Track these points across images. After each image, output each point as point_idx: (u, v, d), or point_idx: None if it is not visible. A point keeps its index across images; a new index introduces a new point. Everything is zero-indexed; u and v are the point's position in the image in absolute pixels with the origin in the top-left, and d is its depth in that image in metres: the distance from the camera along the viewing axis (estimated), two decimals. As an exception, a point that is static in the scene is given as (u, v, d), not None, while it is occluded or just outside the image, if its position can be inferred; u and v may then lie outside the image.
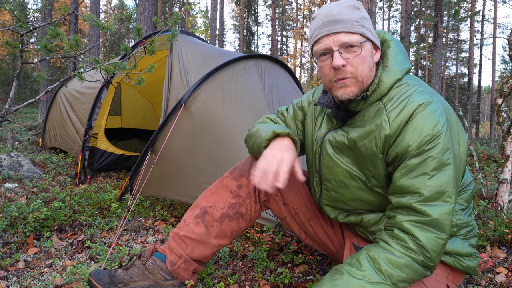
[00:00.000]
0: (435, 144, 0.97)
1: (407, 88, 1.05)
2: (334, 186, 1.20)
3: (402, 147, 1.00)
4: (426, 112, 0.99)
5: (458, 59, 23.48)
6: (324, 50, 1.07)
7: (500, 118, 2.32)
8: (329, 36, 1.05)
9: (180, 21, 20.02)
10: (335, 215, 1.26)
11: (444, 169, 0.97)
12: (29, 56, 21.88)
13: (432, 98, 1.02)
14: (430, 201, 0.96)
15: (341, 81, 1.06)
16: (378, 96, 1.07)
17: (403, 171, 1.00)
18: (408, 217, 0.97)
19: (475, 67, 20.63)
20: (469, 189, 1.18)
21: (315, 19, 1.11)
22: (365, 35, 1.06)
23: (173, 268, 1.32)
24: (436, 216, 0.95)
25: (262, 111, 2.39)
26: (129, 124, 5.57)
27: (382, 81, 1.07)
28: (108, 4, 31.28)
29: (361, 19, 1.06)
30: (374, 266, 0.96)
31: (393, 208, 1.02)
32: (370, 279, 0.94)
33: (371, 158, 1.07)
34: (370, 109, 1.08)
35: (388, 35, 1.16)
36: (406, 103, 1.02)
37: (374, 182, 1.10)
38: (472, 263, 1.15)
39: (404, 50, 1.15)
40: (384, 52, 1.13)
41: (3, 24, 2.54)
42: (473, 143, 8.37)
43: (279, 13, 27.74)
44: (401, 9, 13.80)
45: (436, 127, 0.97)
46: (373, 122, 1.06)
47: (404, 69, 1.10)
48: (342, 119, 1.16)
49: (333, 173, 1.18)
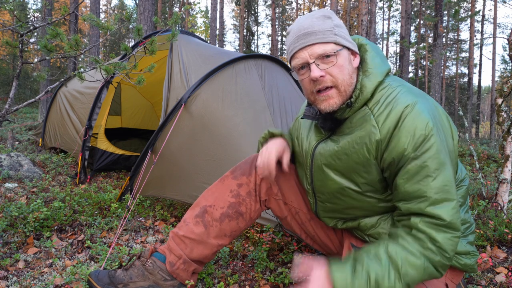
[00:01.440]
0: (431, 144, 0.97)
1: (391, 90, 1.06)
2: (328, 198, 1.21)
3: (398, 151, 0.99)
4: (415, 113, 0.99)
5: (458, 59, 23.48)
6: (302, 64, 1.08)
7: (500, 118, 2.32)
8: (304, 49, 1.06)
9: (180, 21, 20.02)
10: (333, 223, 1.28)
11: (444, 167, 0.97)
12: (29, 56, 21.89)
13: (417, 97, 1.02)
14: (439, 202, 0.96)
15: (323, 94, 1.06)
16: (362, 101, 1.07)
17: (406, 177, 0.99)
18: (423, 218, 0.97)
19: (475, 67, 20.64)
20: (464, 185, 1.18)
21: (289, 34, 1.12)
22: (340, 43, 1.06)
23: (172, 269, 1.32)
24: (450, 219, 0.95)
25: (262, 111, 2.39)
26: (129, 124, 5.57)
27: (364, 86, 1.07)
28: (108, 4, 31.28)
29: (333, 27, 1.06)
30: (392, 263, 0.94)
31: (404, 214, 1.02)
32: (390, 277, 0.93)
33: (363, 165, 1.07)
34: (357, 115, 1.08)
35: (363, 40, 1.16)
36: (393, 106, 1.02)
37: (368, 188, 1.10)
38: (470, 261, 1.15)
39: (381, 52, 1.16)
40: (362, 57, 1.13)
41: (3, 24, 2.54)
42: (473, 143, 8.37)
43: (279, 13, 27.75)
44: (401, 9, 13.81)
45: (427, 126, 0.97)
46: (361, 128, 1.06)
47: (384, 71, 1.10)
48: (330, 129, 1.16)
49: (325, 185, 1.18)
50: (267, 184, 1.36)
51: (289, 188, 1.38)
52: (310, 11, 25.44)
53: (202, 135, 2.33)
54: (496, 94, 2.44)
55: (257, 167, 1.30)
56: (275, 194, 1.37)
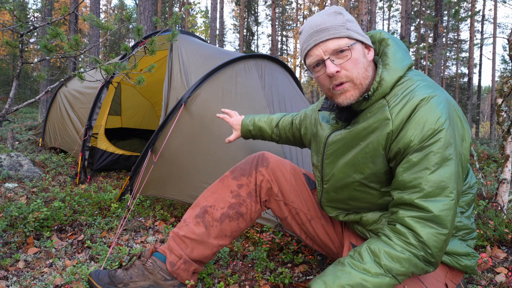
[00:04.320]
0: (437, 139, 0.96)
1: (410, 83, 1.05)
2: (333, 186, 1.21)
3: (405, 142, 0.99)
4: (429, 106, 0.98)
5: (458, 59, 23.47)
6: (317, 61, 1.08)
7: (500, 118, 2.32)
8: (318, 46, 1.06)
9: (180, 21, 20.00)
10: (335, 214, 1.27)
11: (446, 164, 0.96)
12: (29, 56, 21.88)
13: (435, 92, 1.01)
14: (432, 196, 0.96)
15: (339, 87, 1.06)
16: (380, 95, 1.07)
17: (405, 166, 0.99)
18: (410, 212, 0.97)
19: (475, 67, 20.63)
20: (471, 193, 1.17)
21: (302, 33, 1.13)
22: (353, 37, 1.06)
23: (173, 268, 1.32)
24: (438, 213, 0.94)
25: (262, 111, 2.39)
26: (129, 124, 5.57)
27: (383, 80, 1.06)
28: (108, 4, 31.28)
29: (344, 22, 1.07)
30: (374, 259, 0.97)
31: (395, 204, 1.03)
32: (370, 272, 0.95)
33: (372, 155, 1.07)
34: (373, 107, 1.08)
35: (386, 34, 1.16)
36: (409, 98, 1.01)
37: (373, 178, 1.10)
38: (470, 263, 1.15)
39: (404, 46, 1.15)
40: (383, 51, 1.13)
41: (3, 24, 2.54)
42: (473, 143, 8.38)
43: (279, 13, 27.74)
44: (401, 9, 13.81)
45: (438, 121, 0.96)
46: (375, 118, 1.06)
47: (405, 65, 1.09)
48: (347, 119, 1.16)
49: (332, 173, 1.19)
50: (268, 185, 1.36)
51: (289, 188, 1.38)
52: (310, 11, 25.45)
53: (202, 135, 2.33)
54: (496, 94, 2.44)
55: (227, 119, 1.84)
56: (275, 194, 1.37)
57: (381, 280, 0.94)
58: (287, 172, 1.39)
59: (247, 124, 1.75)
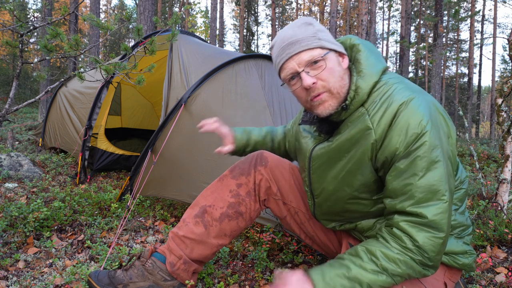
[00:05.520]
0: (422, 142, 0.95)
1: (387, 87, 1.03)
2: (325, 200, 1.21)
3: (390, 150, 0.98)
4: (409, 110, 0.96)
5: (458, 59, 23.48)
6: (291, 75, 1.07)
7: (500, 118, 2.32)
8: (291, 59, 1.05)
9: (180, 21, 20.02)
10: (331, 226, 1.29)
11: (434, 166, 0.95)
12: (29, 56, 21.89)
13: (413, 94, 0.99)
14: (424, 202, 0.95)
15: (316, 98, 1.05)
16: (358, 103, 1.05)
17: (394, 174, 0.99)
18: (405, 217, 0.97)
19: (475, 67, 20.65)
20: (463, 188, 1.16)
21: (273, 47, 1.11)
22: (325, 47, 1.05)
23: (172, 269, 1.32)
24: (432, 217, 0.94)
25: (262, 111, 2.39)
26: (129, 124, 5.57)
27: (359, 87, 1.05)
28: (108, 4, 31.28)
29: (315, 33, 1.05)
30: (371, 258, 0.98)
31: (389, 212, 1.02)
32: (366, 268, 0.97)
33: (358, 166, 1.06)
34: (353, 116, 1.07)
35: (356, 39, 1.14)
36: (388, 104, 1.00)
37: (363, 189, 1.09)
38: (468, 261, 1.15)
39: (376, 50, 1.13)
40: (355, 57, 1.11)
41: (3, 24, 2.54)
42: (473, 143, 8.37)
43: (279, 13, 27.74)
44: (401, 9, 13.81)
45: (421, 124, 0.95)
46: (357, 128, 1.04)
47: (379, 70, 1.08)
48: (328, 132, 1.15)
49: (322, 187, 1.19)
50: (266, 184, 1.36)
51: (288, 188, 1.38)
52: (310, 11, 25.45)
53: (202, 135, 2.33)
54: (496, 94, 2.44)
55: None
56: (274, 193, 1.37)
57: (377, 277, 0.96)
58: (286, 172, 1.39)
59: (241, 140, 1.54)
